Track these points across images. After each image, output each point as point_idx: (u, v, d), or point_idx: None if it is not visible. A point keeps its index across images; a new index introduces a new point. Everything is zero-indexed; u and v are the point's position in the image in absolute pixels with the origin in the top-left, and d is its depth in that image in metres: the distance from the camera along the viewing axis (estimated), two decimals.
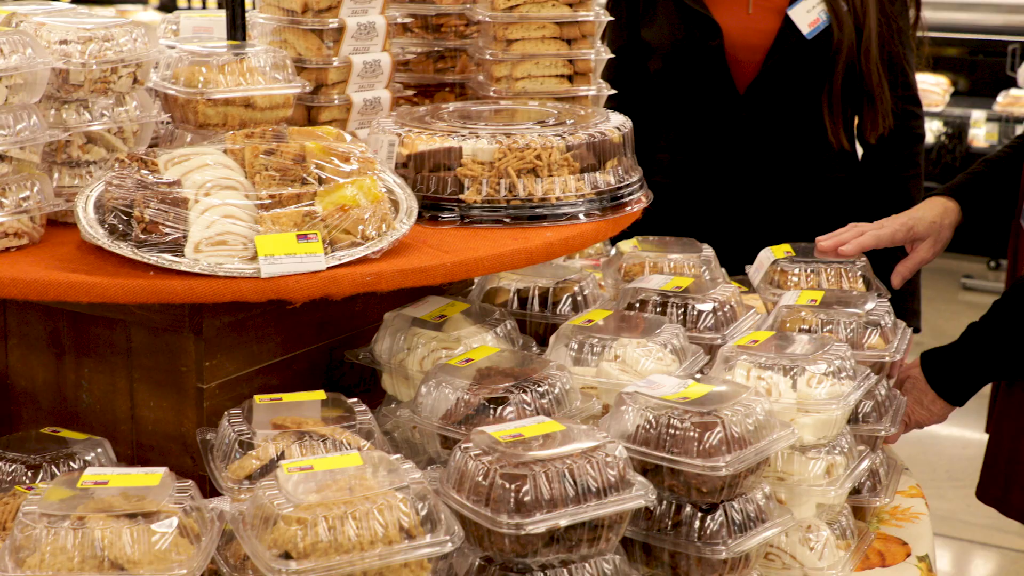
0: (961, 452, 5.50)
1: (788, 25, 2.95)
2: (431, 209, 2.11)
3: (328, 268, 1.86)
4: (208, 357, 1.99)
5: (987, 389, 2.59)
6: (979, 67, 8.61)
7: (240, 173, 1.93)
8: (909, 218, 2.62)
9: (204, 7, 10.65)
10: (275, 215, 1.87)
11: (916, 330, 3.12)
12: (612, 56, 2.56)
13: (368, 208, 1.92)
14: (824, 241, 2.54)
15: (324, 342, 2.21)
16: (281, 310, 1.92)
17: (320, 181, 1.93)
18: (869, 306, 2.27)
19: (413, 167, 2.14)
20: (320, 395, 1.89)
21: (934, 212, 2.63)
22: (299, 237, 1.86)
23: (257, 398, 1.87)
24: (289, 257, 1.83)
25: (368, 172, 1.97)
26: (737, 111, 3.01)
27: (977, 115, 8.20)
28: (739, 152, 3.04)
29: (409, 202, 2.03)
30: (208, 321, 1.97)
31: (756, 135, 3.02)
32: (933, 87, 8.24)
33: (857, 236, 2.54)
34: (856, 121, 3.11)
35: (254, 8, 2.41)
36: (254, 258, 1.83)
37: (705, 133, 3.07)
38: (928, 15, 8.67)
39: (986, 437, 2.58)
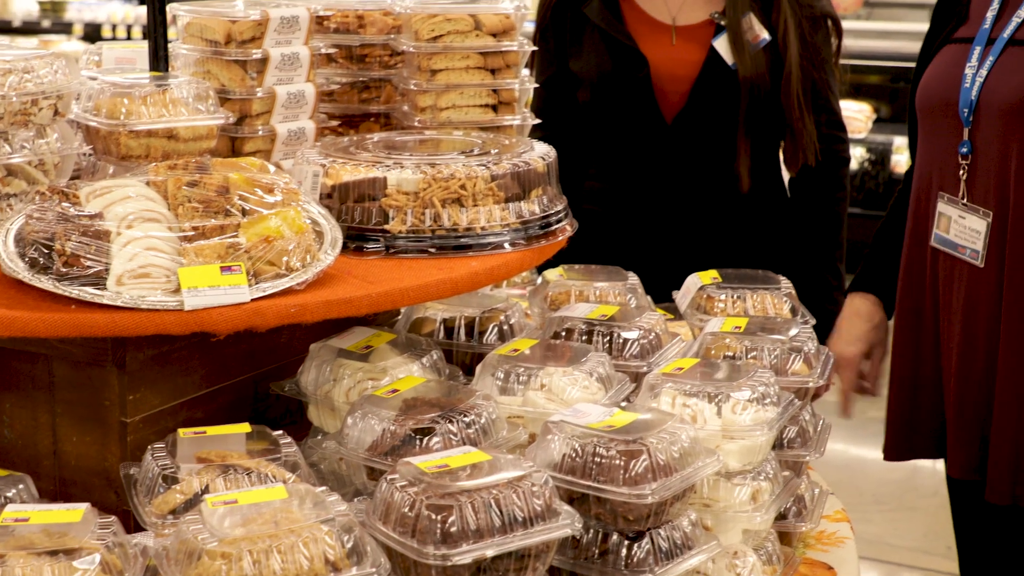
0: (888, 476, 5.55)
1: (713, 56, 2.98)
2: (356, 240, 2.11)
3: (252, 300, 1.84)
4: (131, 391, 1.97)
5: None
6: (901, 94, 8.72)
7: (163, 205, 1.92)
8: (858, 338, 2.80)
9: (128, 38, 10.59)
10: (198, 247, 1.86)
11: None
12: (538, 86, 2.57)
13: (292, 239, 1.92)
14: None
15: (249, 374, 2.20)
16: (205, 343, 1.91)
17: (244, 213, 1.92)
18: (793, 332, 2.29)
19: (338, 198, 2.14)
20: (245, 428, 1.88)
21: (860, 314, 2.83)
22: (223, 269, 1.85)
23: (181, 432, 1.86)
24: (213, 289, 1.82)
25: (292, 203, 1.97)
26: (665, 141, 3.03)
27: (899, 141, 8.30)
28: (667, 180, 3.06)
29: (334, 233, 2.02)
30: (131, 354, 1.95)
31: (684, 164, 3.04)
32: (856, 114, 8.33)
33: (853, 389, 2.82)
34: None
35: (177, 39, 2.39)
36: (177, 291, 1.82)
37: (634, 162, 3.09)
38: (850, 43, 8.78)
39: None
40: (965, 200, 2.48)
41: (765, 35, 3.00)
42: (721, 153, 3.04)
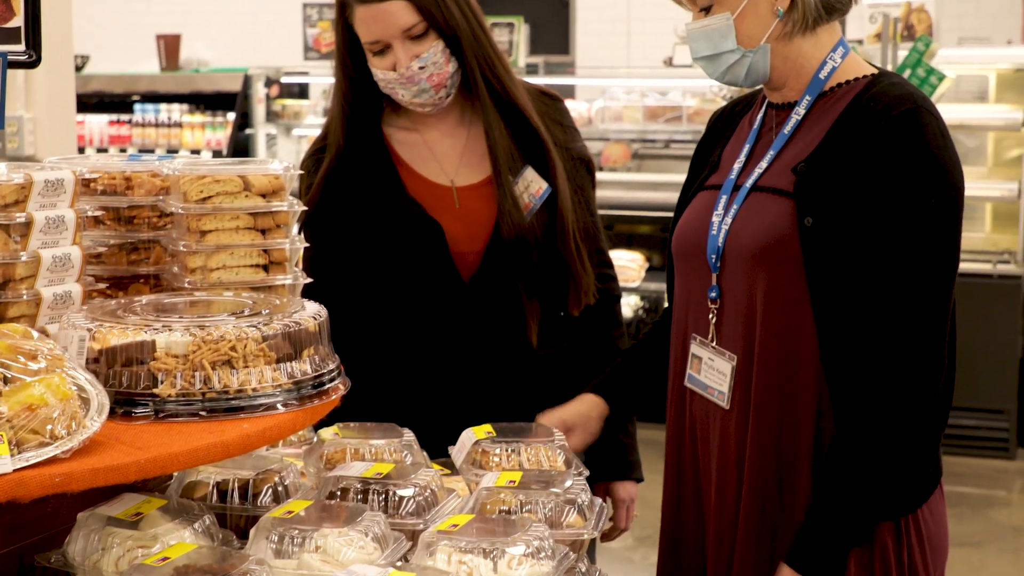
0: None
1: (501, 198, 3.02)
2: (124, 405, 2.07)
3: (15, 470, 1.79)
4: None
5: None
6: None
7: None
8: (562, 412, 2.84)
9: None
10: None
11: (639, 480, 3.24)
12: (308, 245, 2.57)
13: (57, 406, 1.88)
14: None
15: (14, 546, 2.13)
16: None
17: (5, 381, 1.87)
18: (567, 484, 2.32)
19: (105, 362, 2.10)
20: None
21: (584, 406, 2.87)
22: None
23: None
24: None
25: (57, 369, 1.93)
26: (462, 300, 3.06)
27: None
28: (461, 338, 3.07)
29: (100, 399, 1.99)
30: None
31: (481, 321, 3.07)
32: (629, 263, 8.53)
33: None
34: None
35: None
36: None
37: (428, 321, 3.09)
38: (621, 194, 9.01)
39: None
40: (714, 343, 2.58)
41: (545, 186, 3.06)
42: (519, 308, 3.08)
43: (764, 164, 2.55)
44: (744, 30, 2.50)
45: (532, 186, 3.05)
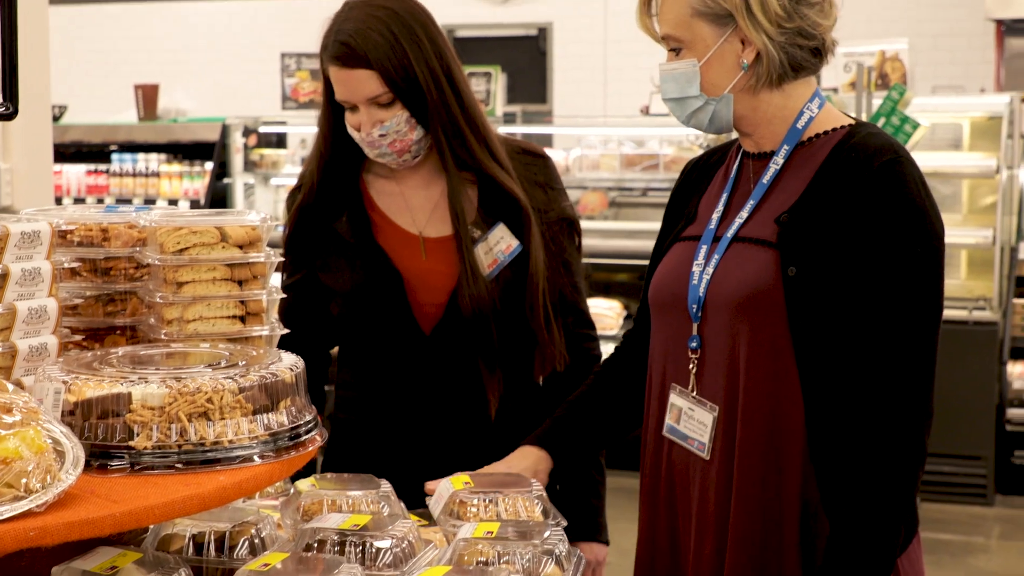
0: None
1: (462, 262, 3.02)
2: (100, 457, 2.06)
3: None
4: None
5: None
6: None
7: None
8: (507, 466, 2.79)
9: None
10: None
11: (606, 543, 3.22)
12: (285, 296, 2.57)
13: (32, 460, 1.87)
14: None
15: None
16: None
17: None
18: (545, 535, 2.32)
19: (80, 415, 2.10)
20: None
21: (528, 461, 2.82)
22: None
23: None
24: None
25: (32, 422, 1.92)
26: (424, 352, 3.05)
27: None
28: (425, 390, 3.07)
29: (76, 451, 1.98)
30: None
31: (443, 374, 3.06)
32: (607, 311, 8.54)
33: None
34: None
35: None
36: None
37: (391, 372, 3.10)
38: (599, 243, 9.02)
39: None
40: (695, 393, 2.58)
41: (516, 244, 3.06)
42: (479, 377, 3.06)
43: (745, 214, 2.56)
44: (709, 78, 2.54)
45: (502, 243, 3.04)
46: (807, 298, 2.42)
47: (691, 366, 2.59)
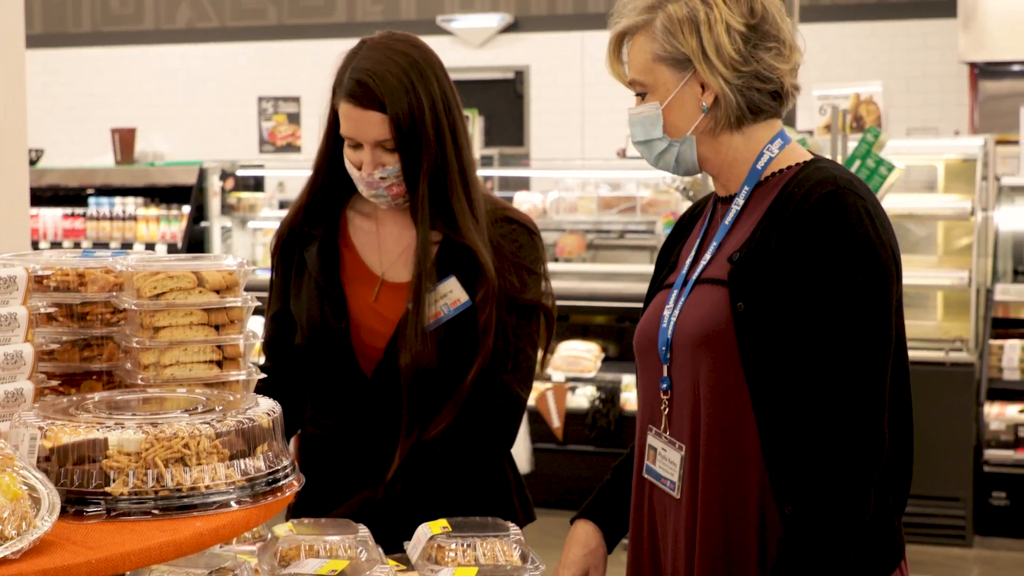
0: None
1: (409, 315, 2.99)
2: (76, 504, 2.05)
3: None
4: None
5: None
6: (626, 333, 9.01)
7: None
8: (572, 557, 2.80)
9: None
10: None
11: None
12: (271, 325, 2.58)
13: (7, 507, 1.86)
14: None
15: None
16: None
17: None
18: None
19: (56, 461, 2.09)
20: None
21: (586, 539, 2.83)
22: None
23: None
24: None
25: (7, 469, 1.91)
26: (365, 394, 3.05)
27: (628, 379, 8.51)
28: (374, 432, 3.05)
29: (51, 498, 1.97)
30: None
31: (388, 416, 3.04)
32: (585, 354, 8.56)
33: None
34: None
35: None
36: None
37: (335, 410, 3.10)
38: (577, 285, 9.05)
39: None
40: (667, 433, 2.61)
41: (465, 299, 3.01)
42: (424, 407, 3.02)
43: (708, 256, 2.61)
44: (671, 120, 2.58)
45: (450, 296, 3.01)
46: (756, 332, 2.45)
47: (663, 407, 2.62)
